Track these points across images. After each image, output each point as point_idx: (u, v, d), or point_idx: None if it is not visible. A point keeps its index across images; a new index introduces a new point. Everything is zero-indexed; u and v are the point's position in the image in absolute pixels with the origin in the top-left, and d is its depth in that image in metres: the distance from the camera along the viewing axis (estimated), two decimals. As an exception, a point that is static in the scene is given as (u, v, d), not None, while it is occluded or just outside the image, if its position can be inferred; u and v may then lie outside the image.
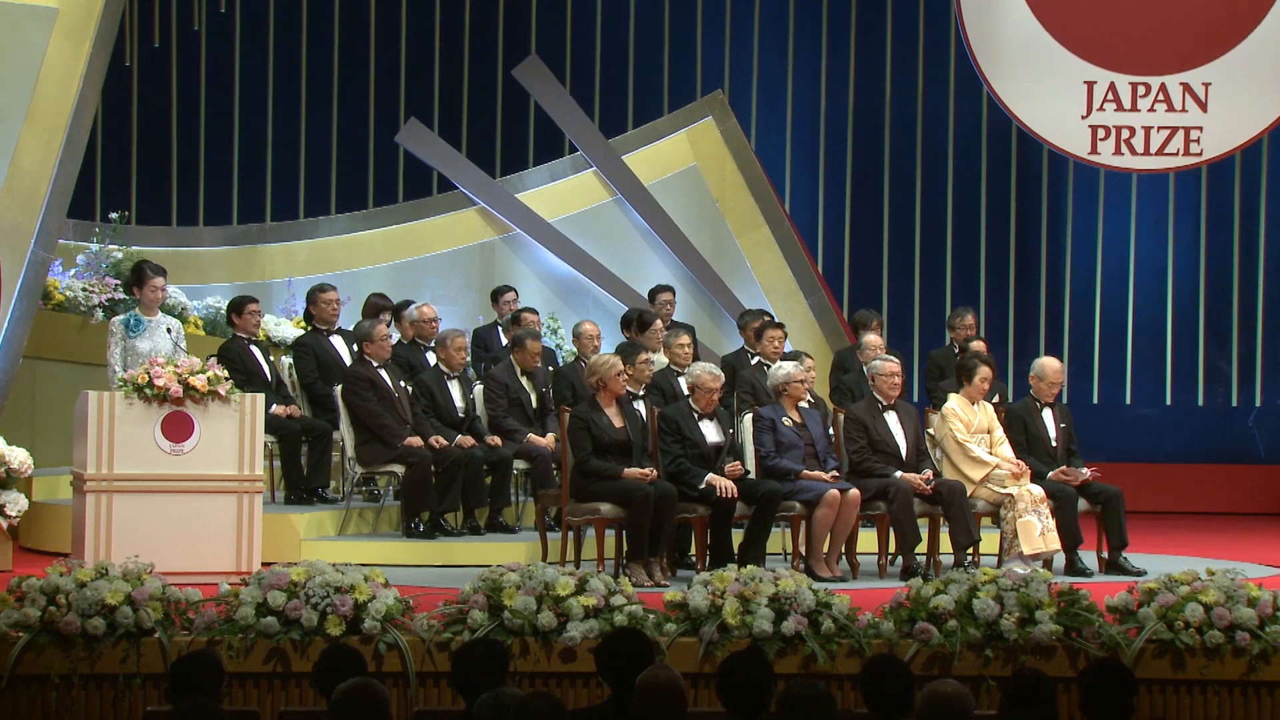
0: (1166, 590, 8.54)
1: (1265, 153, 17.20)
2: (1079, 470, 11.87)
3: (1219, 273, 17.42)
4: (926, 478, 11.49)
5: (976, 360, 12.13)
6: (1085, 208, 17.42)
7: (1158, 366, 17.51)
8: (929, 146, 17.31)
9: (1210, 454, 17.21)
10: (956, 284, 17.32)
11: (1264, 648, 8.34)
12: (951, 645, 8.32)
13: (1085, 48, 16.50)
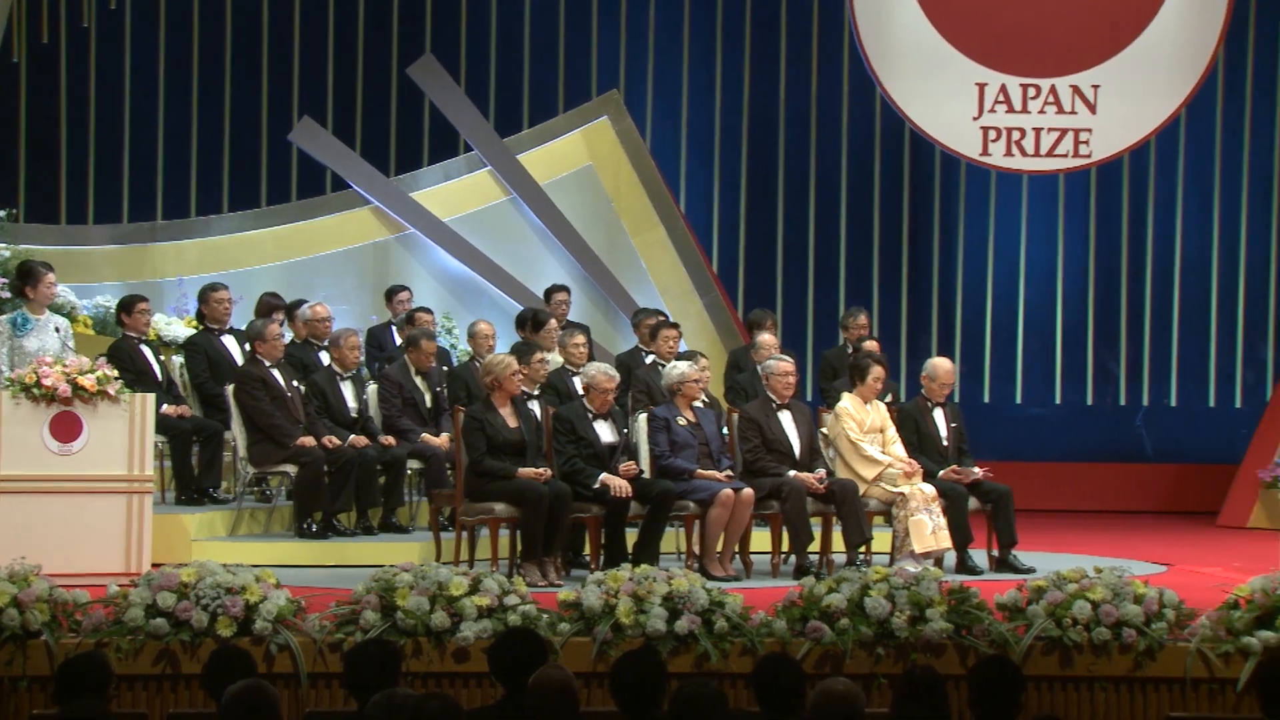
0: (1055, 588, 8.62)
1: (1153, 154, 17.41)
2: (970, 469, 11.97)
3: (1108, 273, 17.61)
4: (819, 477, 11.55)
5: (869, 360, 12.20)
6: (977, 208, 17.56)
7: (1048, 366, 17.68)
8: (823, 147, 17.40)
9: (1099, 453, 17.40)
10: (850, 284, 17.41)
11: (1150, 644, 8.44)
12: (843, 643, 8.37)
13: (976, 49, 16.62)
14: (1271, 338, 17.53)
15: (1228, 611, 8.59)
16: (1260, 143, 17.50)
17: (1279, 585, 8.60)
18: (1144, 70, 16.57)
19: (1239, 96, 17.45)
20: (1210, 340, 17.63)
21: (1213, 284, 17.56)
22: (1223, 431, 17.22)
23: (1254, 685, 7.59)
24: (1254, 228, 17.56)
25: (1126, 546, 13.24)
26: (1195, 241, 17.59)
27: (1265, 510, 14.96)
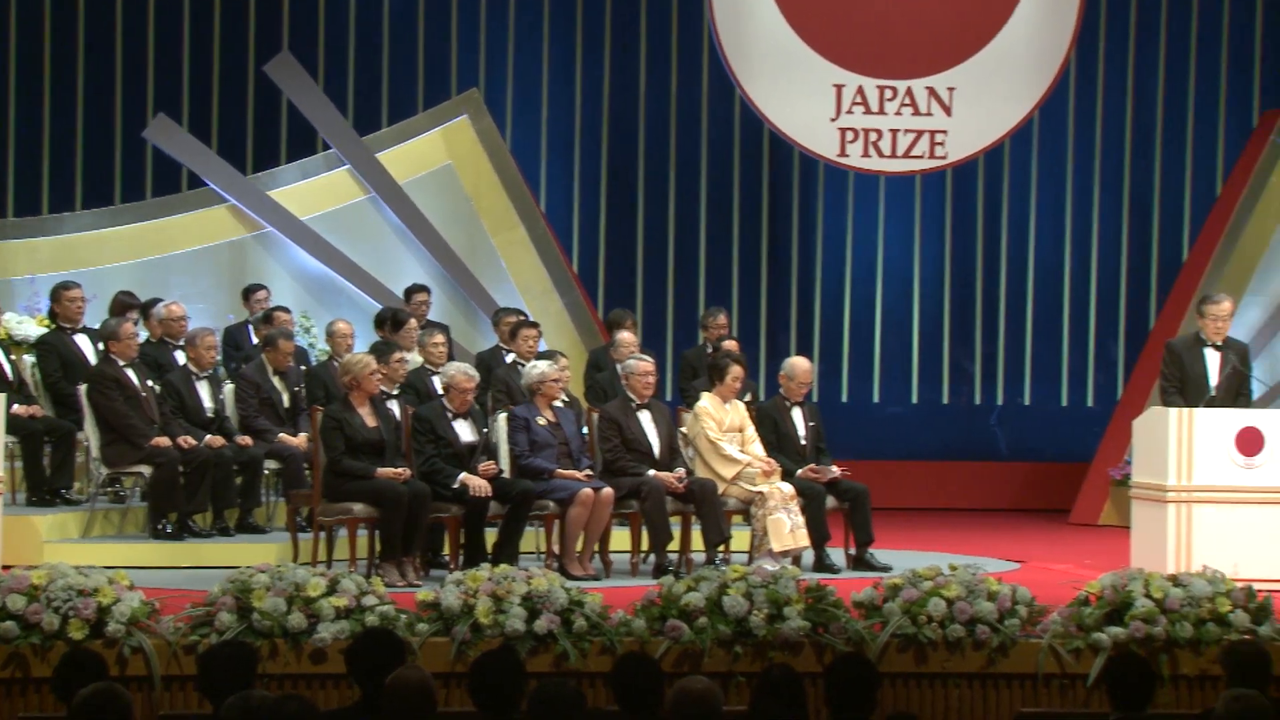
0: (911, 586, 8.71)
1: (1007, 155, 17.63)
2: (828, 468, 12.06)
3: (963, 274, 17.80)
4: (679, 476, 11.59)
5: (728, 360, 12.25)
6: (835, 209, 17.69)
7: (904, 366, 17.84)
8: (682, 146, 17.45)
9: (954, 451, 17.58)
10: (709, 284, 17.47)
11: (1003, 641, 8.55)
12: (702, 642, 8.40)
13: (834, 51, 16.73)
14: (1122, 338, 17.81)
15: (1078, 608, 8.73)
16: (1111, 144, 17.77)
17: (1128, 582, 8.75)
18: (998, 73, 16.76)
19: (1090, 99, 17.71)
20: (1063, 340, 17.88)
21: (1065, 284, 17.81)
22: (1075, 430, 17.46)
23: (1103, 680, 7.71)
24: (1105, 229, 17.83)
25: (981, 544, 13.40)
26: (1048, 242, 17.83)
27: (1115, 508, 15.20)
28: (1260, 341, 15.87)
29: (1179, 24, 17.71)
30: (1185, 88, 17.74)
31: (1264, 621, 8.70)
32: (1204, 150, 17.81)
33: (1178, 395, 11.57)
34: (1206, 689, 8.45)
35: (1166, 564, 10.48)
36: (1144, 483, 11.28)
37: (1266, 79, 17.79)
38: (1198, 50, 17.72)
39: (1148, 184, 17.80)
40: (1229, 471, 10.87)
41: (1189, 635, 8.58)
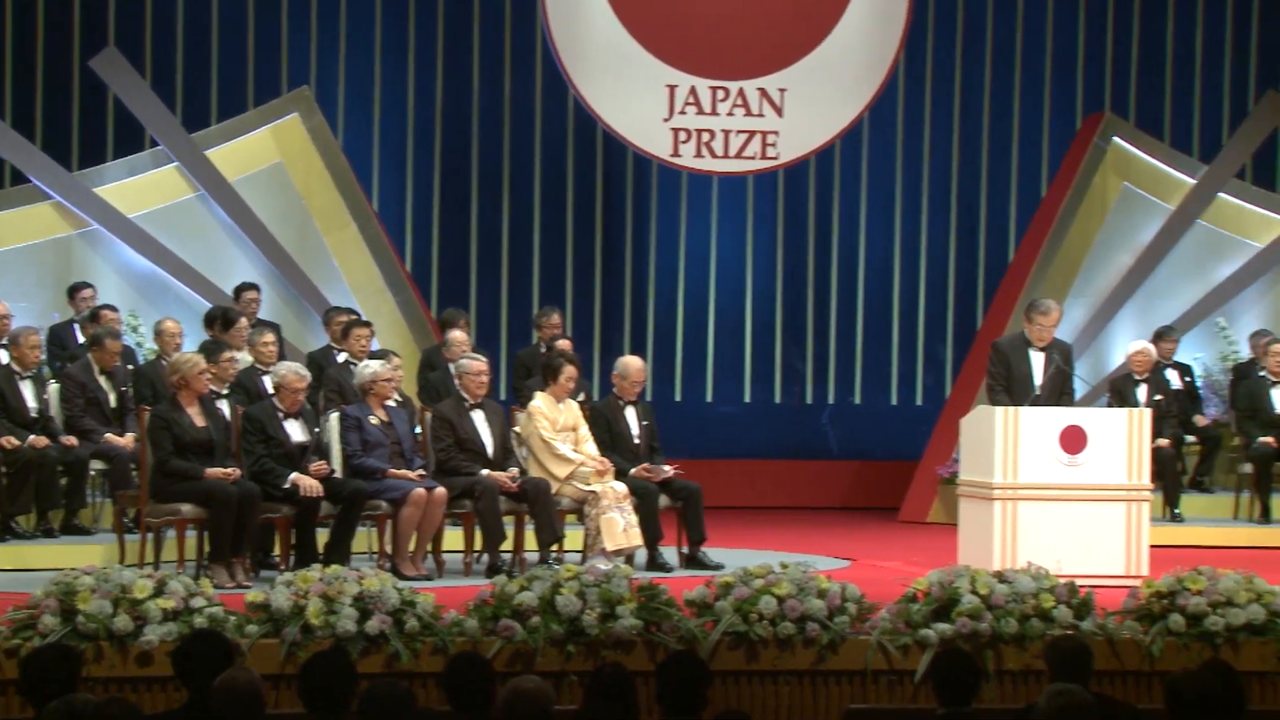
0: (742, 584, 8.75)
1: (837, 157, 17.80)
2: (661, 467, 12.10)
3: (795, 274, 17.95)
4: (512, 475, 11.58)
5: (562, 359, 12.27)
6: (668, 209, 17.76)
7: (737, 365, 17.95)
8: (516, 146, 17.42)
9: (786, 450, 17.72)
10: (544, 283, 17.47)
11: (832, 638, 8.62)
12: (534, 642, 8.39)
13: (666, 51, 16.79)
14: (950, 338, 18.05)
15: (906, 605, 8.83)
16: (939, 146, 18.01)
17: (955, 579, 8.87)
18: (828, 75, 16.92)
19: (919, 101, 17.94)
20: (892, 340, 18.09)
21: (895, 285, 18.03)
22: (904, 429, 17.66)
23: (930, 676, 7.80)
24: (933, 230, 18.07)
25: (812, 542, 13.52)
26: (878, 243, 18.04)
27: (943, 505, 15.39)
28: (1083, 341, 16.16)
29: (1004, 29, 17.99)
30: (1010, 91, 18.02)
31: (1086, 617, 8.85)
32: (1029, 153, 18.11)
33: (1004, 395, 11.76)
34: (1030, 683, 8.58)
35: (992, 561, 10.65)
36: (971, 481, 11.45)
37: (1089, 83, 18.13)
38: (1023, 54, 18.02)
39: (974, 186, 18.06)
40: (1053, 469, 11.06)
41: (1014, 631, 8.70)
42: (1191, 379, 15.75)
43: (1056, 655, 7.07)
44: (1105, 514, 11.09)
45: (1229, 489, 15.09)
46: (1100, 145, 16.72)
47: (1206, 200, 16.69)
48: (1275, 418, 14.55)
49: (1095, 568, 10.64)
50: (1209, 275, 16.70)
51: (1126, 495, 11.11)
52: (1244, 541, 13.97)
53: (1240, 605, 8.88)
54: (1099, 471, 11.09)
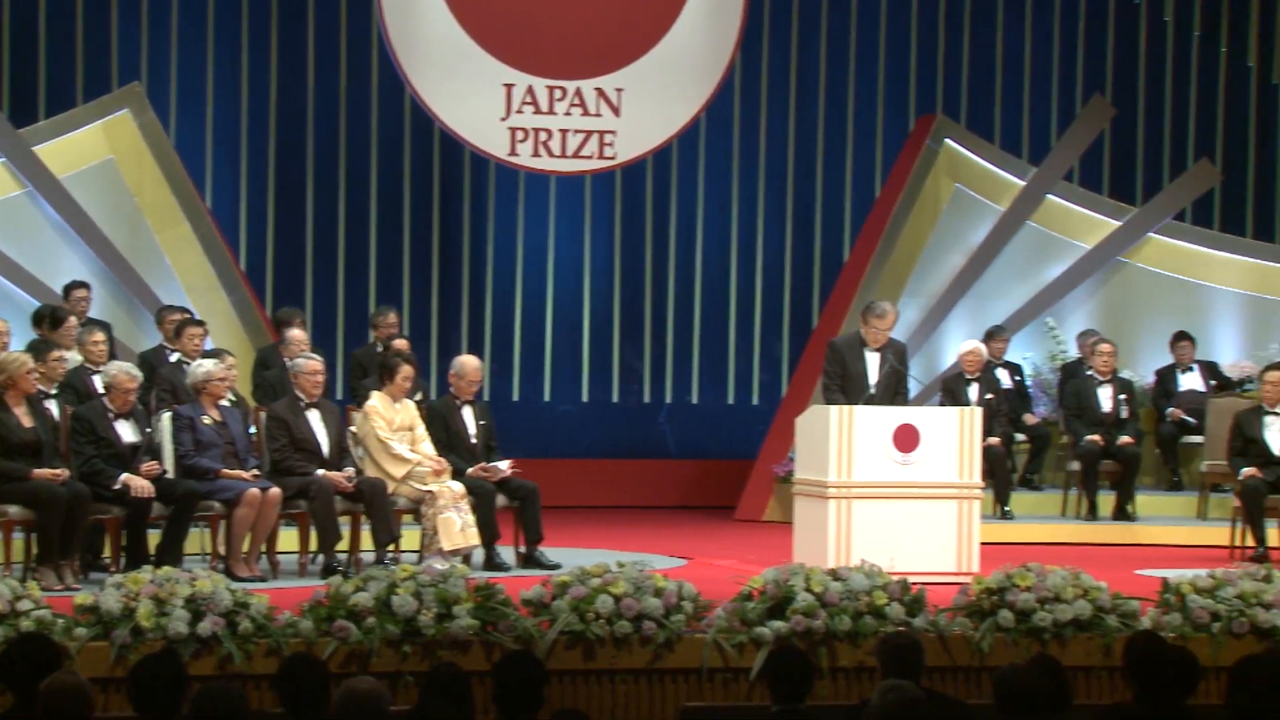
0: (579, 583, 8.77)
1: (674, 157, 17.86)
2: (498, 466, 12.09)
3: (632, 273, 17.98)
4: (348, 475, 11.52)
5: (398, 359, 12.23)
6: (506, 208, 17.72)
7: (575, 364, 17.96)
8: (352, 144, 17.29)
9: (624, 449, 17.76)
10: (380, 282, 17.36)
11: (668, 636, 8.66)
12: (370, 642, 8.35)
13: (503, 51, 16.75)
14: (786, 337, 18.18)
15: (742, 603, 8.89)
16: (775, 146, 18.13)
17: (790, 577, 8.94)
18: (665, 75, 16.97)
19: (755, 101, 18.05)
20: (729, 339, 18.19)
21: (731, 284, 18.12)
22: (740, 428, 17.77)
23: (764, 673, 7.85)
24: (770, 229, 18.19)
25: (649, 541, 13.56)
26: (715, 243, 18.12)
27: (779, 504, 15.51)
28: (916, 341, 16.35)
29: (838, 30, 18.16)
30: (845, 92, 18.19)
31: (918, 614, 8.96)
32: (863, 154, 18.29)
33: (839, 393, 11.87)
34: (863, 680, 8.67)
35: (827, 559, 10.75)
36: (806, 479, 11.55)
37: (921, 84, 18.35)
38: (856, 56, 18.19)
39: (810, 186, 18.21)
40: (887, 468, 11.19)
41: (847, 628, 8.79)
42: (1021, 378, 16.00)
43: (888, 652, 7.14)
44: (937, 512, 11.23)
45: (1057, 487, 15.34)
46: (932, 147, 16.94)
47: (1036, 202, 16.96)
48: (1102, 416, 14.82)
49: (927, 565, 10.78)
50: (1038, 276, 16.97)
51: (958, 493, 11.26)
52: (1072, 538, 14.23)
53: (1067, 601, 9.05)
54: (931, 470, 11.23)
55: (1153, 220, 17.02)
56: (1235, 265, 17.07)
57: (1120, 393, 14.93)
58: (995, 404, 14.62)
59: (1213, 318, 16.97)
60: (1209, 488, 14.78)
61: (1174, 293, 16.97)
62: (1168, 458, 15.75)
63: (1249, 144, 18.82)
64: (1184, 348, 15.99)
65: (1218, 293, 17.01)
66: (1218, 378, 16.00)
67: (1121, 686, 8.00)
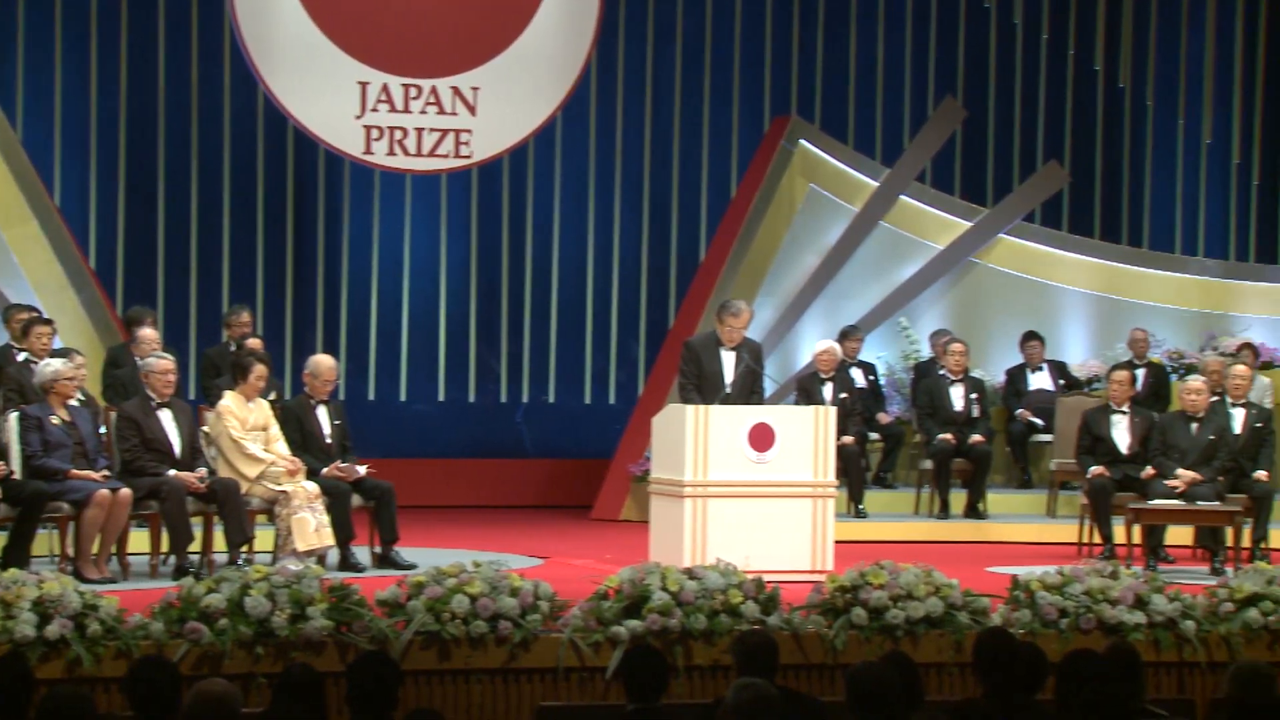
0: (434, 583, 8.75)
1: (531, 155, 17.85)
2: (353, 466, 12.02)
3: (489, 272, 17.94)
4: (200, 475, 11.41)
5: (252, 358, 12.13)
6: (361, 207, 17.62)
7: (431, 364, 17.89)
8: (204, 141, 17.11)
9: (480, 449, 17.72)
10: (234, 281, 17.19)
11: (524, 636, 8.66)
12: (222, 644, 8.28)
13: (358, 48, 16.64)
14: (643, 337, 18.22)
15: (598, 602, 8.91)
16: (631, 146, 18.18)
17: (646, 576, 8.97)
18: (521, 74, 16.94)
19: (611, 101, 18.09)
20: (586, 339, 18.20)
21: (588, 284, 18.13)
22: (597, 428, 17.79)
23: (621, 672, 7.87)
24: (626, 229, 18.23)
25: (505, 541, 13.54)
26: (572, 242, 18.13)
27: (636, 503, 15.53)
28: (772, 340, 16.45)
29: (693, 30, 18.23)
30: (700, 92, 18.27)
31: (773, 612, 9.02)
32: (719, 154, 18.38)
33: (695, 393, 11.91)
34: (719, 678, 8.71)
35: (683, 558, 10.78)
36: (662, 479, 11.58)
37: (776, 85, 18.47)
38: (712, 55, 18.28)
39: (666, 186, 18.27)
40: (742, 467, 11.24)
41: (703, 627, 8.83)
42: (875, 377, 16.15)
43: (743, 650, 7.19)
44: (792, 510, 11.30)
45: (910, 485, 15.51)
46: (787, 147, 17.05)
47: (889, 202, 17.12)
48: (954, 415, 15.00)
49: (782, 563, 10.85)
50: (891, 276, 17.14)
51: (812, 491, 11.34)
52: (924, 536, 14.39)
53: (919, 599, 9.14)
54: (786, 469, 11.29)
55: (1003, 221, 17.25)
56: (1083, 266, 17.36)
57: (971, 392, 15.12)
58: (849, 403, 14.75)
59: (1061, 317, 17.24)
60: (1058, 486, 15.00)
61: (1024, 293, 17.21)
62: (1018, 456, 15.97)
63: (1096, 146, 19.14)
64: (1034, 347, 16.21)
65: (1066, 293, 17.28)
66: (1066, 377, 16.25)
67: (972, 682, 8.12)
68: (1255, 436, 13.03)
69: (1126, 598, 9.37)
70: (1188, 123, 19.36)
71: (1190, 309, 17.24)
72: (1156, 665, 9.22)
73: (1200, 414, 12.91)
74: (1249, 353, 15.71)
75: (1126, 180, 19.27)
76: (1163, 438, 12.95)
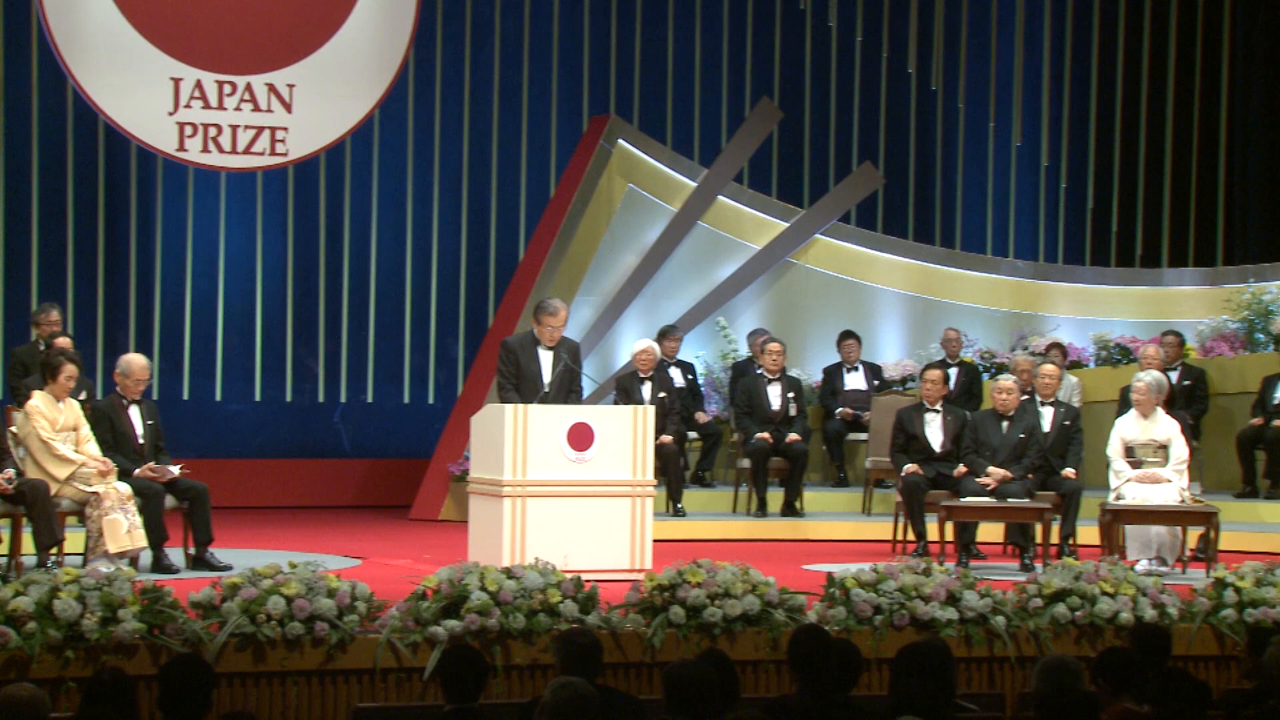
0: (250, 584, 8.65)
1: (348, 153, 17.73)
2: (167, 467, 11.86)
3: (306, 272, 17.80)
4: (8, 477, 11.18)
5: (62, 357, 11.90)
6: (174, 204, 17.39)
7: (248, 363, 17.71)
8: (12, 139, 16.78)
9: (298, 449, 17.58)
10: (43, 278, 16.90)
11: (341, 637, 8.60)
12: (30, 648, 8.12)
13: (171, 44, 16.42)
14: (462, 336, 18.18)
15: (416, 602, 8.87)
16: (449, 145, 18.13)
17: (464, 575, 8.94)
18: (338, 71, 16.83)
19: (429, 100, 18.03)
20: (405, 338, 18.12)
21: (407, 283, 18.06)
22: (417, 427, 17.74)
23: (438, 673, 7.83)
24: (445, 228, 18.18)
25: (322, 541, 13.45)
26: (390, 241, 18.04)
27: (455, 503, 15.49)
28: (591, 340, 16.50)
29: (512, 28, 18.23)
30: (519, 92, 18.28)
31: (591, 611, 9.03)
32: (537, 153, 18.40)
33: (513, 392, 11.90)
34: (538, 677, 8.71)
35: (502, 557, 10.77)
36: (481, 478, 11.55)
37: (595, 85, 18.52)
38: (530, 54, 18.29)
39: (485, 184, 18.25)
40: (561, 466, 11.24)
41: (521, 626, 8.83)
42: (694, 376, 16.24)
43: (567, 649, 7.20)
44: (611, 509, 11.31)
45: (728, 484, 15.62)
46: (606, 147, 17.10)
47: (707, 203, 17.24)
48: (771, 414, 15.12)
49: (601, 562, 10.87)
50: (710, 276, 17.26)
51: (631, 490, 11.36)
52: (742, 534, 14.50)
53: (737, 597, 9.20)
54: (605, 468, 11.31)
55: (819, 222, 17.44)
56: (897, 266, 17.61)
57: (788, 391, 15.25)
58: (668, 402, 14.82)
59: (876, 317, 17.48)
60: (873, 484, 15.19)
61: (840, 293, 17.42)
62: (834, 455, 16.16)
63: (910, 148, 19.43)
64: (850, 346, 16.40)
65: (881, 293, 17.52)
66: (879, 376, 16.45)
67: (787, 679, 8.20)
68: (1063, 434, 13.28)
69: (939, 594, 9.51)
70: (998, 125, 19.73)
71: (1001, 309, 17.57)
72: (968, 660, 9.36)
73: (1011, 412, 13.14)
74: (1058, 352, 16.02)
75: (939, 182, 19.59)
76: (974, 436, 13.16)
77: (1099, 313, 17.50)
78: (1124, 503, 12.44)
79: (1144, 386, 12.78)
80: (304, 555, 9.87)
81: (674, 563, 9.36)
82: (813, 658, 7.02)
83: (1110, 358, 16.70)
